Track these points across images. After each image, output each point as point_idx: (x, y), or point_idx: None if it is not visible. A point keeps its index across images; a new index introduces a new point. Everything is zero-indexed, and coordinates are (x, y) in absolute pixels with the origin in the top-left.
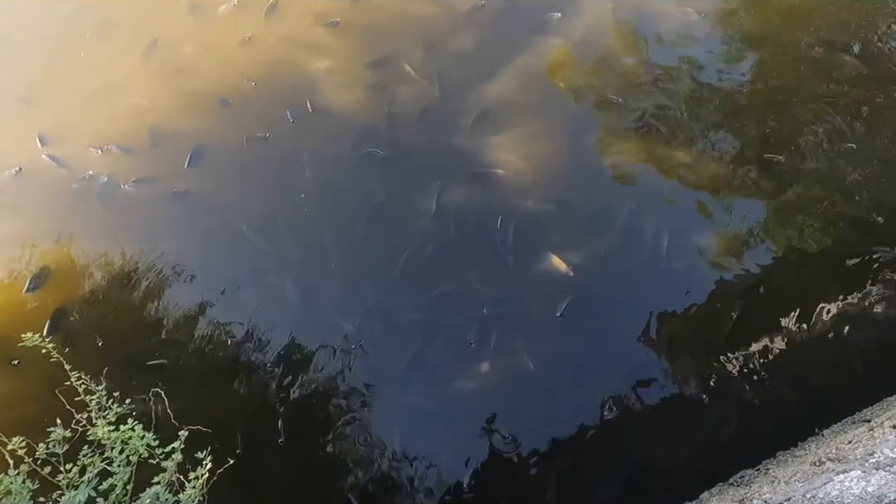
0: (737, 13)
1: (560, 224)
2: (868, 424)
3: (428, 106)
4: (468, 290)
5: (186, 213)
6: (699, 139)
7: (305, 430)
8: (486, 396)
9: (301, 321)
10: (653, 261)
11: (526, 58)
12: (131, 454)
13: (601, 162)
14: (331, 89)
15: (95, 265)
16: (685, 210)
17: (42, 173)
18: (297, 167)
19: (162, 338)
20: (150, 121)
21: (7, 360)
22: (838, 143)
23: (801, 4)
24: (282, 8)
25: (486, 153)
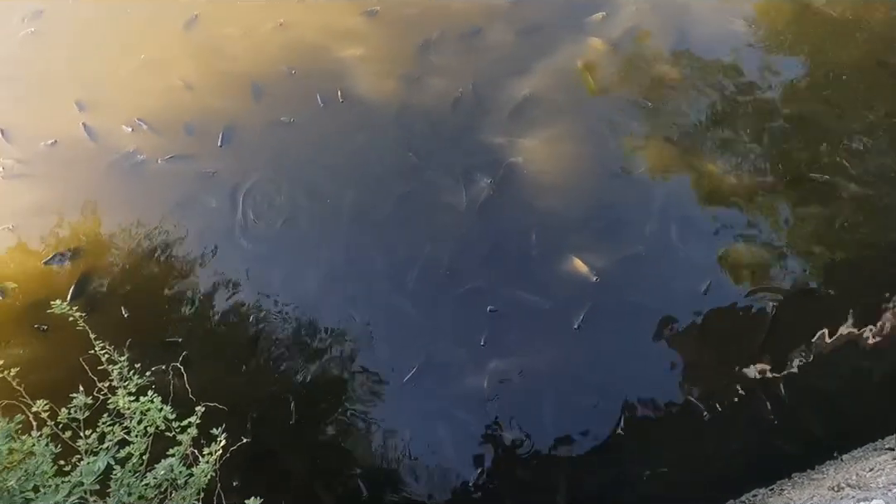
0: (783, 23)
1: (584, 227)
2: (892, 453)
3: (461, 99)
4: (487, 288)
5: (215, 191)
6: (732, 150)
7: (317, 413)
8: (497, 395)
9: (319, 306)
10: (677, 272)
11: (561, 56)
12: (149, 425)
13: (629, 167)
14: (363, 78)
15: (123, 238)
16: (714, 221)
17: (76, 146)
18: (325, 154)
19: (183, 314)
20: (185, 99)
21: (35, 325)
22: (884, 167)
23: (853, 18)
24: None
25: (515, 151)
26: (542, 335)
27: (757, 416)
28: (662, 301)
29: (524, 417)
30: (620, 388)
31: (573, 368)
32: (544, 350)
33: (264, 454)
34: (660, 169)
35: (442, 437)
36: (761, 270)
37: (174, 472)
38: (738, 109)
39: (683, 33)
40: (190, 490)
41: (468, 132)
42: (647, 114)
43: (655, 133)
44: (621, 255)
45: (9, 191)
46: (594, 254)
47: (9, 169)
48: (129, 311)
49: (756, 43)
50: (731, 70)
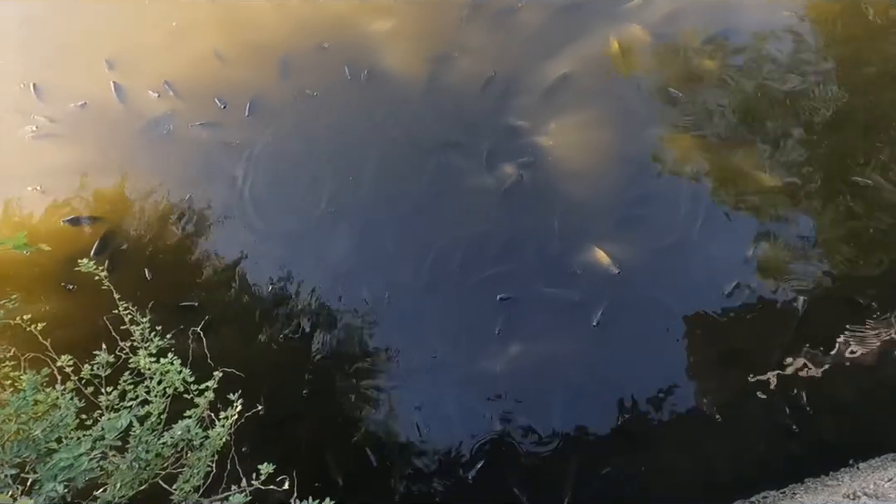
0: (830, 18)
1: (609, 218)
2: None
3: (493, 80)
4: (506, 273)
5: (238, 161)
6: (766, 146)
7: (329, 386)
8: (509, 382)
9: (336, 282)
10: (701, 269)
11: (596, 40)
12: (168, 386)
13: (658, 159)
14: (392, 54)
15: (147, 202)
16: (743, 219)
17: (105, 109)
18: (349, 130)
19: (202, 280)
20: (214, 68)
21: (62, 283)
22: None
23: None
24: None
25: (542, 136)
26: (558, 325)
27: (772, 418)
28: (683, 298)
29: (535, 406)
30: (634, 383)
31: (587, 361)
32: (560, 340)
33: (277, 422)
34: (689, 162)
35: (452, 418)
36: (788, 272)
37: (191, 433)
38: (776, 105)
39: (724, 22)
40: (205, 452)
41: (496, 114)
42: (679, 104)
43: (687, 125)
44: (645, 249)
45: (39, 150)
46: (617, 245)
47: (41, 128)
48: (152, 273)
49: (800, 37)
50: (770, 64)
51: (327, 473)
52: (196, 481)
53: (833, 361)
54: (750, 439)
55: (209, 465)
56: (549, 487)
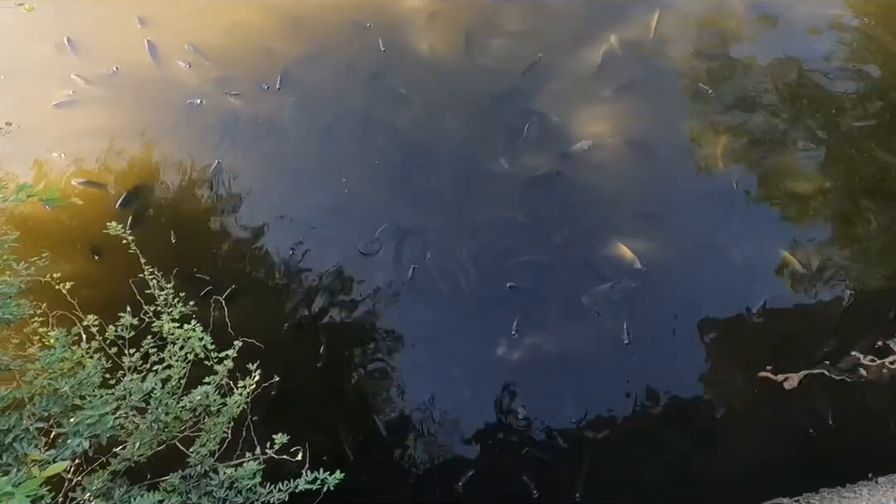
0: (884, 17)
1: (636, 212)
2: None
3: (535, 65)
4: (527, 262)
5: (267, 133)
6: (803, 147)
7: (344, 360)
8: (525, 371)
9: (356, 260)
10: (728, 269)
11: (632, 27)
12: (189, 352)
13: (690, 154)
14: (427, 32)
15: (174, 169)
16: (774, 221)
17: (136, 74)
18: (378, 109)
19: (226, 249)
20: (247, 38)
21: (89, 245)
22: None
23: None
24: None
25: (573, 124)
26: (575, 319)
27: (791, 423)
28: (708, 298)
29: (549, 398)
30: (651, 380)
31: (604, 356)
32: (576, 334)
33: (291, 393)
34: (724, 158)
35: (467, 401)
36: (818, 278)
37: (209, 399)
38: (815, 104)
39: (768, 15)
40: (222, 418)
41: (525, 101)
42: (716, 99)
43: (724, 120)
44: (671, 247)
45: (71, 114)
46: (643, 241)
47: (76, 92)
48: (177, 240)
49: (848, 35)
50: (814, 61)
51: (338, 446)
52: (212, 446)
53: (860, 371)
54: (766, 443)
55: (225, 431)
56: (560, 478)
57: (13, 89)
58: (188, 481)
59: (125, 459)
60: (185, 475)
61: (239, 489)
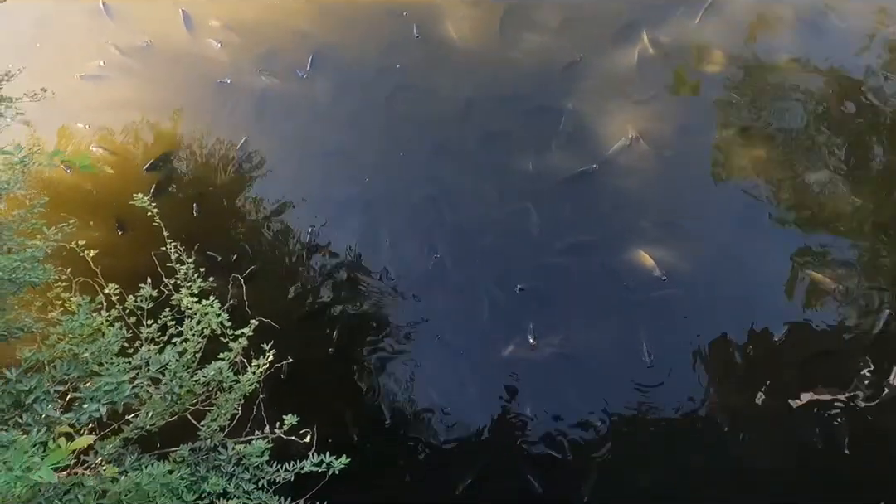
0: None
1: (658, 220)
2: None
3: (568, 63)
4: (549, 263)
5: (293, 114)
6: (834, 166)
7: (355, 347)
8: (537, 370)
9: (377, 247)
10: (750, 283)
11: (669, 29)
12: (205, 327)
13: (720, 162)
14: (461, 21)
15: (199, 143)
16: (799, 238)
17: (168, 49)
18: (407, 97)
19: (243, 230)
20: (281, 19)
21: (114, 215)
22: None
23: None
24: None
25: (605, 125)
26: (593, 320)
27: (802, 441)
28: (726, 307)
29: (559, 397)
30: (663, 390)
31: (619, 360)
32: (592, 336)
33: (301, 375)
34: (754, 168)
35: (472, 398)
36: (846, 300)
37: (223, 375)
38: (854, 122)
39: (815, 27)
40: (234, 395)
41: (554, 98)
42: (753, 108)
43: (758, 133)
44: (693, 256)
45: (100, 85)
46: (664, 250)
47: (108, 63)
48: (200, 214)
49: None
50: (858, 78)
51: (344, 430)
52: (222, 421)
53: (878, 394)
54: (771, 458)
55: (236, 408)
56: (566, 479)
57: (48, 56)
58: (197, 454)
59: (137, 427)
60: (195, 448)
61: (246, 466)
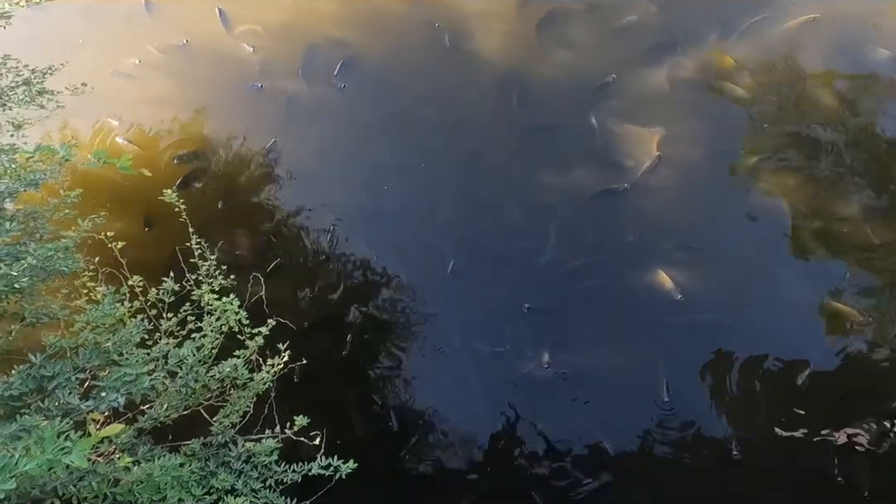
0: None
1: (681, 242)
2: None
3: (601, 84)
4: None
5: (321, 118)
6: (864, 198)
7: (369, 352)
8: (546, 387)
9: (397, 254)
10: (771, 312)
11: (701, 52)
12: (224, 324)
13: (747, 186)
14: (487, 34)
15: (228, 143)
16: (825, 269)
17: (204, 49)
18: (436, 108)
19: (268, 226)
20: (311, 23)
21: (143, 209)
22: None
23: None
24: None
25: (632, 145)
26: (609, 342)
27: (814, 472)
28: (745, 337)
29: (571, 419)
30: (676, 417)
31: (634, 384)
32: (607, 358)
33: (314, 376)
34: (782, 196)
35: (482, 412)
36: (869, 333)
37: (238, 372)
38: (884, 152)
39: (854, 55)
40: (248, 392)
41: (579, 112)
42: (782, 135)
43: (787, 160)
44: (715, 282)
45: (136, 82)
46: (685, 272)
47: (144, 61)
48: (225, 207)
49: None
50: (890, 108)
51: (351, 432)
52: (234, 418)
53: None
54: (789, 493)
55: (248, 405)
56: (569, 499)
57: (89, 51)
58: (208, 449)
59: (152, 419)
60: (206, 442)
61: (255, 464)
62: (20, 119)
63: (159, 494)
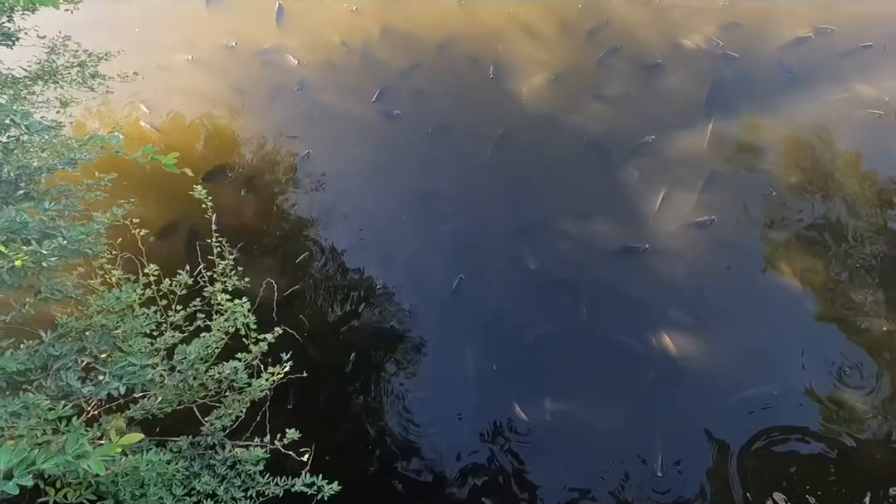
0: None
1: (690, 308)
2: None
3: (639, 144)
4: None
5: (359, 141)
6: (877, 289)
7: (371, 373)
8: (543, 435)
9: (413, 277)
10: (774, 390)
11: (734, 122)
12: (231, 325)
13: (762, 263)
14: (528, 76)
15: (261, 145)
16: (833, 354)
17: (251, 51)
18: (468, 144)
19: (285, 231)
20: (361, 42)
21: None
22: None
23: None
24: None
25: (659, 204)
26: (607, 397)
27: None
28: (744, 409)
29: (555, 466)
30: (667, 480)
31: (627, 443)
32: (603, 412)
33: (312, 390)
34: (799, 277)
35: (467, 439)
36: (876, 421)
37: (237, 375)
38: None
39: (882, 145)
40: (243, 397)
41: (602, 179)
42: (804, 215)
43: (810, 240)
44: (718, 353)
45: (181, 75)
46: (691, 338)
47: (194, 58)
48: (244, 212)
49: None
50: None
51: (340, 448)
52: (226, 421)
53: None
54: None
55: (242, 410)
56: None
57: (144, 40)
58: (195, 448)
59: (144, 409)
60: (194, 442)
61: (239, 471)
62: (67, 97)
63: (141, 490)
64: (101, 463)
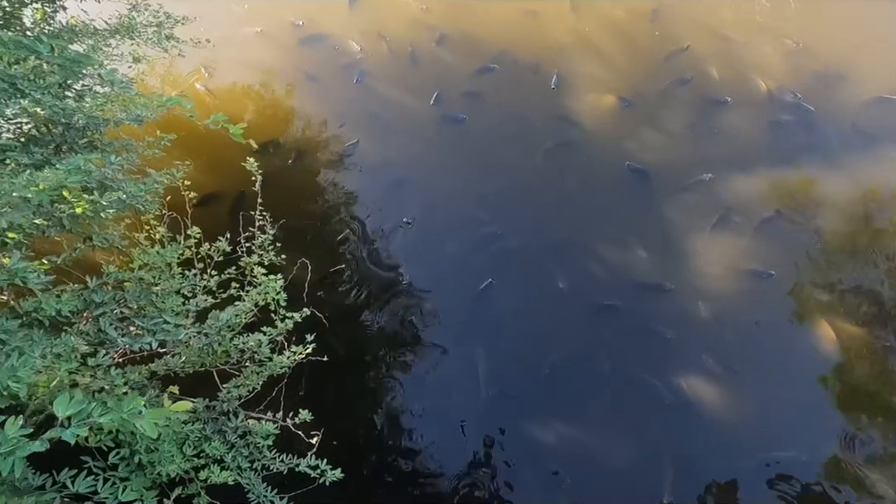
0: None
1: (719, 360)
2: None
3: (694, 182)
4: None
5: (410, 135)
6: None
7: (388, 362)
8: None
9: (452, 278)
10: (796, 448)
11: (790, 169)
12: (261, 299)
13: (797, 323)
14: (586, 96)
15: (313, 123)
16: (855, 422)
17: (316, 32)
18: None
19: (319, 214)
20: (429, 41)
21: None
22: None
23: None
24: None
25: (696, 244)
26: (621, 431)
27: None
28: (760, 468)
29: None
30: None
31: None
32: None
33: (330, 374)
34: (830, 345)
35: (471, 448)
36: None
37: (261, 348)
38: None
39: None
40: (264, 371)
41: (651, 208)
42: (846, 281)
43: (847, 306)
44: (741, 406)
45: (242, 47)
46: (713, 388)
47: (263, 30)
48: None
49: None
50: None
51: (345, 438)
52: (243, 391)
53: None
54: None
55: (259, 383)
56: None
57: (215, 11)
58: (209, 412)
59: (168, 366)
60: (210, 406)
61: (248, 442)
62: (139, 54)
63: (155, 443)
64: (154, 426)
